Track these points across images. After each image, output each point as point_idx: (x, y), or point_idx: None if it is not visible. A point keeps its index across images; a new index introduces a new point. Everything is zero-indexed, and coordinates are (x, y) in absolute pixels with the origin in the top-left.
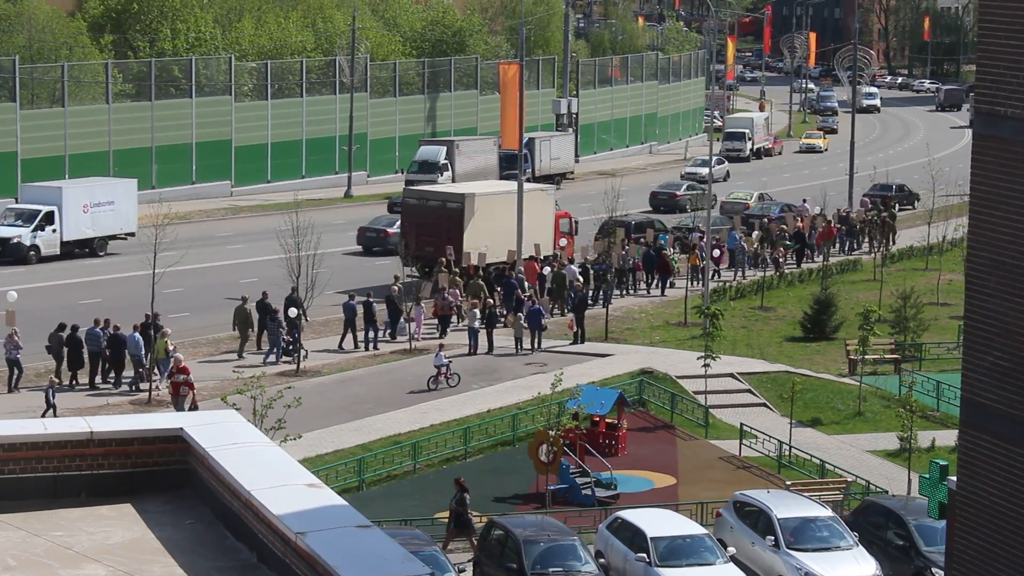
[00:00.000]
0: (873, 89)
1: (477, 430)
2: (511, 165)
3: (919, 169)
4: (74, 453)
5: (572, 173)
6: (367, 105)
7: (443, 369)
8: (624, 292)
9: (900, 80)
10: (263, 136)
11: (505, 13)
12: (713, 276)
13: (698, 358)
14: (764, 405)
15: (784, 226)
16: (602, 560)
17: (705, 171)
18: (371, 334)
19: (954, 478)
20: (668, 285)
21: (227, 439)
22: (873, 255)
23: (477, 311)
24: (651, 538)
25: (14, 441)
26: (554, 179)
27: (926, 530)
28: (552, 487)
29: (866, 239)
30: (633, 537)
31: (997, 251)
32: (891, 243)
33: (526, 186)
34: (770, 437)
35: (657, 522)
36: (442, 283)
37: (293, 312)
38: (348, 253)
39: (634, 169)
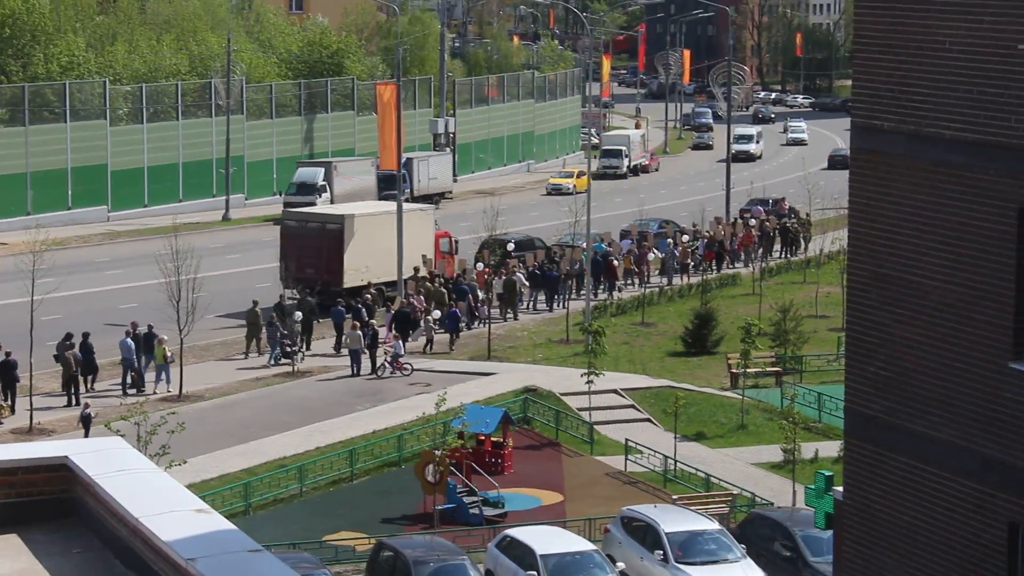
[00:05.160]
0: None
1: (363, 451)
2: (389, 185)
3: (795, 183)
4: None
5: (450, 192)
6: (244, 127)
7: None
8: (571, 296)
9: (774, 96)
10: (139, 160)
11: (380, 34)
12: (643, 282)
13: (581, 375)
14: (648, 420)
15: (711, 232)
16: None
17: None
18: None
19: (840, 488)
20: (615, 289)
21: (113, 466)
22: (787, 260)
23: (359, 332)
24: (540, 555)
25: None
26: (432, 199)
27: (812, 541)
28: (440, 507)
29: (781, 245)
30: (523, 555)
31: (877, 263)
32: (806, 249)
33: (405, 206)
34: (655, 452)
35: (546, 539)
36: (409, 289)
37: (297, 316)
38: (228, 275)
39: (512, 187)
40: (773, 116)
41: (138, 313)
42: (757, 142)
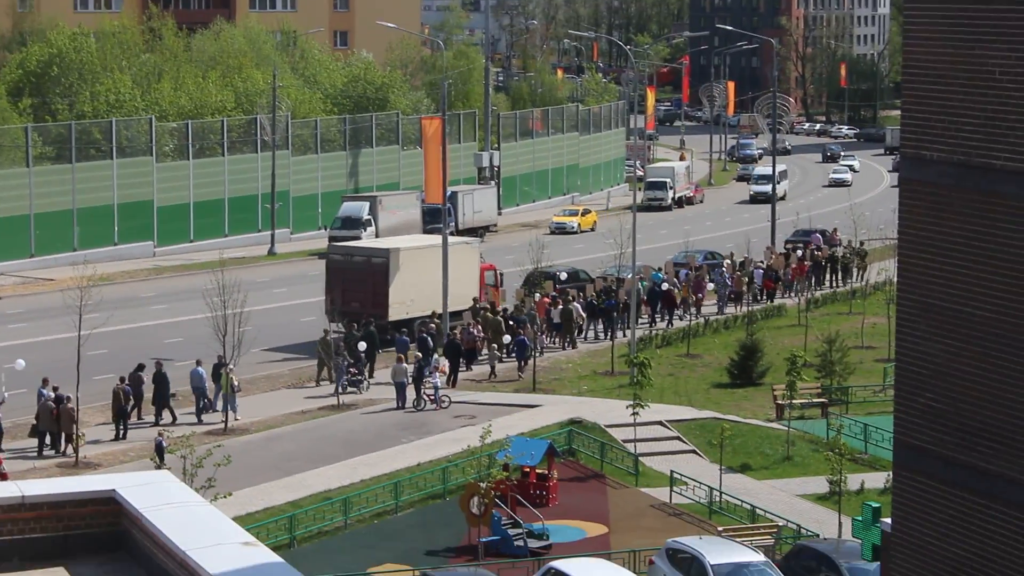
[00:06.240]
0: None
1: (408, 484)
2: (434, 219)
3: (840, 214)
4: (5, 518)
5: (495, 226)
6: (289, 163)
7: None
8: (628, 326)
9: (818, 126)
10: (185, 196)
11: (425, 68)
12: (694, 313)
13: (627, 407)
14: (693, 452)
15: (765, 262)
16: None
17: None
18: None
19: (888, 520)
20: (674, 318)
21: (160, 499)
22: (848, 288)
23: (405, 365)
24: None
25: None
26: (477, 232)
27: (858, 572)
28: (484, 539)
29: (830, 275)
30: None
31: (927, 294)
32: (862, 278)
33: (450, 239)
34: (700, 483)
35: (590, 571)
36: (467, 319)
37: (363, 346)
38: (274, 309)
39: None
40: (843, 154)
41: (185, 347)
42: (779, 182)
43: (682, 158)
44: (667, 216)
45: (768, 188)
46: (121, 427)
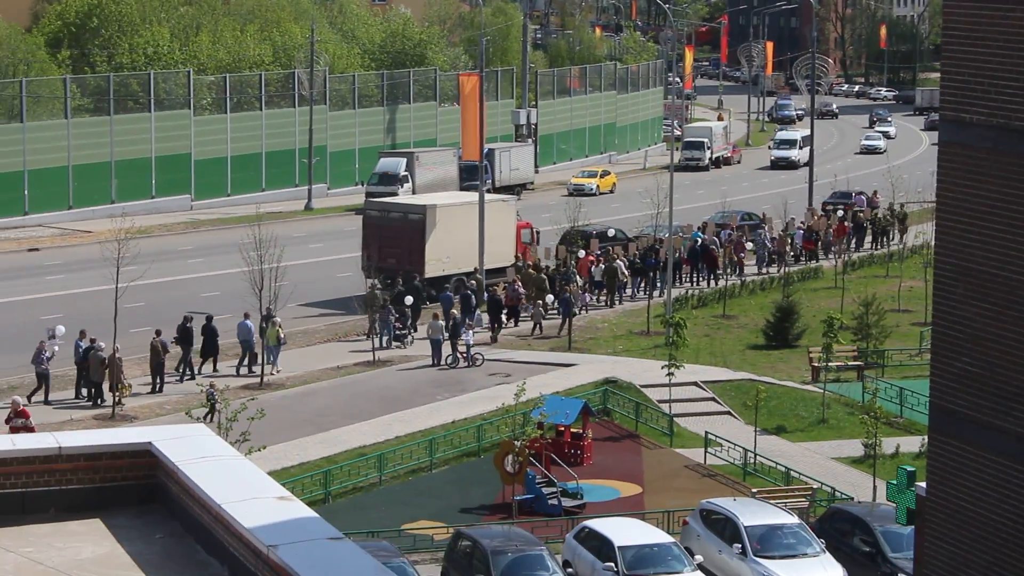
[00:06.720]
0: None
1: (442, 441)
2: (471, 176)
3: (878, 176)
4: (42, 469)
5: (532, 183)
6: (326, 118)
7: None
8: (673, 284)
9: (857, 88)
10: (223, 149)
11: (463, 25)
12: (736, 272)
13: (662, 367)
14: (728, 413)
15: (805, 223)
16: (570, 570)
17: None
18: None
19: (923, 484)
20: (715, 278)
21: (196, 453)
22: (887, 251)
23: (440, 322)
24: (618, 547)
25: None
26: (514, 190)
27: (892, 536)
28: (518, 497)
29: (878, 236)
30: (600, 546)
31: (964, 257)
32: (901, 241)
33: (487, 197)
34: (735, 445)
35: (624, 531)
36: (511, 275)
37: (409, 300)
38: (310, 264)
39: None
40: (890, 118)
41: (221, 301)
42: (800, 148)
43: (720, 118)
44: (704, 176)
45: (790, 153)
46: (158, 380)
